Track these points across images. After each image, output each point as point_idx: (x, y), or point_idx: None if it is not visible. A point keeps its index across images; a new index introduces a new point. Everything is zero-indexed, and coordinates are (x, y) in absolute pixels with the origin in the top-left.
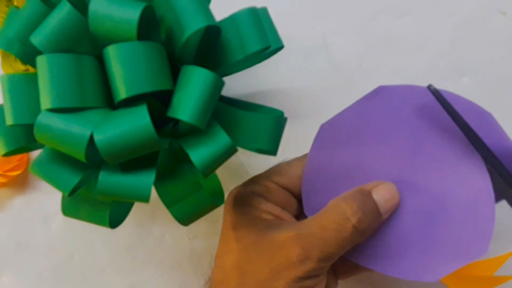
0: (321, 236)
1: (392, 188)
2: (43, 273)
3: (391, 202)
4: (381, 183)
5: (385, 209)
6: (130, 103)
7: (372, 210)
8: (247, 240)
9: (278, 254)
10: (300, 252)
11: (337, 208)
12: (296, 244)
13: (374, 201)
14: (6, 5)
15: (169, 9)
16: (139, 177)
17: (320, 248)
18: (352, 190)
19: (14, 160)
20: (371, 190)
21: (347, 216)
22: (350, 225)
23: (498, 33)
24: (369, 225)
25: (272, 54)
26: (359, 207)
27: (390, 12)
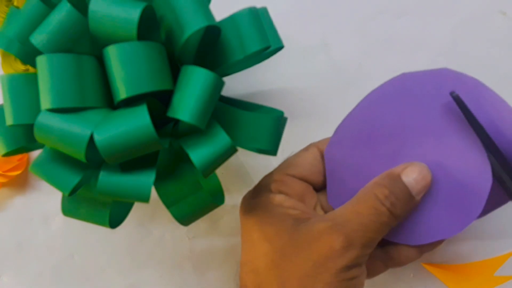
0: (360, 221)
1: (423, 168)
2: (43, 273)
3: (423, 182)
4: (410, 165)
5: (417, 190)
6: (130, 103)
7: (404, 193)
8: (280, 238)
9: (319, 245)
10: (343, 239)
11: (370, 195)
12: (336, 232)
13: (405, 184)
14: (6, 5)
15: (169, 9)
16: (139, 177)
17: (362, 233)
18: (381, 175)
19: (14, 160)
20: (400, 173)
21: (381, 201)
22: (386, 209)
23: (498, 33)
24: (403, 208)
25: (272, 54)
26: (391, 192)
27: (390, 12)
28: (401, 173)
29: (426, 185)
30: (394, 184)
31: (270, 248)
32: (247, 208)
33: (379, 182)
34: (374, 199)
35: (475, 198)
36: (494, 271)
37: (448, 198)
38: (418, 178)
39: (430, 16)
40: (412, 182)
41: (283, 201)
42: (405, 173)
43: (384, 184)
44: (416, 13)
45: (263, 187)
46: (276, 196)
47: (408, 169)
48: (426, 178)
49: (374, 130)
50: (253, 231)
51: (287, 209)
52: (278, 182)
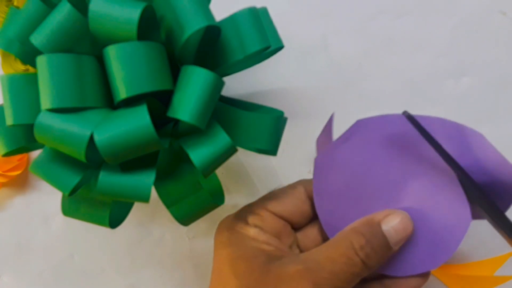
0: (331, 269)
1: (404, 217)
2: (43, 273)
3: (403, 233)
4: (392, 212)
5: (395, 241)
6: (130, 103)
7: (381, 243)
8: (249, 276)
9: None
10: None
11: (345, 241)
12: (305, 278)
13: (383, 234)
14: (6, 5)
15: (169, 9)
16: (139, 177)
17: (331, 282)
18: (361, 221)
19: (14, 160)
20: (381, 220)
21: (355, 251)
22: (359, 260)
23: (498, 33)
24: (378, 259)
25: (272, 54)
26: (368, 241)
27: (390, 12)
28: (381, 221)
29: (406, 236)
30: (372, 233)
31: (237, 285)
32: (222, 236)
33: (357, 229)
34: (349, 247)
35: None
36: (494, 271)
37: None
38: (398, 227)
39: (430, 16)
40: (391, 231)
41: (258, 235)
42: (385, 221)
43: (362, 232)
44: (416, 13)
45: (240, 217)
46: (252, 229)
47: (390, 217)
48: (407, 229)
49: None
50: (223, 264)
51: (261, 243)
52: (256, 216)
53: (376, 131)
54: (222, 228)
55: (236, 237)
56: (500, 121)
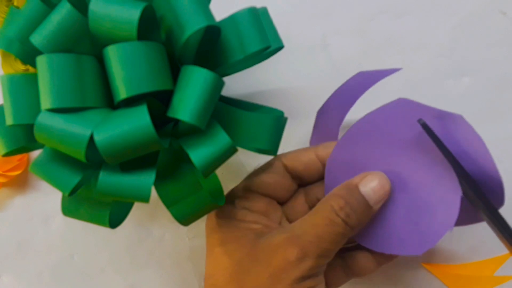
0: (315, 232)
1: (381, 177)
2: (43, 273)
3: (381, 192)
4: (369, 174)
5: (374, 200)
6: (130, 103)
7: (360, 203)
8: (240, 252)
9: (275, 257)
10: (298, 251)
11: (325, 205)
12: (291, 244)
13: (361, 194)
14: (6, 5)
15: (169, 9)
16: (139, 177)
17: (316, 244)
18: (340, 186)
19: (14, 160)
20: (358, 183)
21: (336, 212)
22: (340, 220)
23: (498, 33)
24: (359, 218)
25: (272, 54)
26: (346, 202)
27: (390, 12)
28: (358, 183)
29: (384, 194)
30: (351, 195)
31: (229, 262)
32: (212, 222)
33: (336, 193)
34: (330, 210)
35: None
36: (494, 271)
37: (414, 219)
38: (376, 187)
39: (430, 16)
40: (369, 191)
41: (245, 215)
42: (363, 182)
43: (340, 195)
44: (416, 13)
45: (228, 202)
46: (239, 211)
47: (366, 178)
48: (385, 187)
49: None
50: (215, 245)
51: (249, 223)
52: (242, 198)
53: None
54: (211, 215)
55: (225, 221)
56: (500, 121)
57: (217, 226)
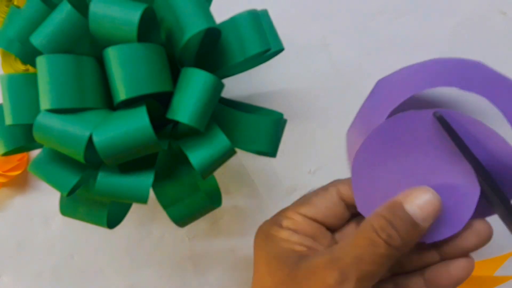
0: (354, 254)
1: (428, 192)
2: (43, 273)
3: (429, 208)
4: (414, 190)
5: (422, 217)
6: (129, 104)
7: (405, 222)
8: (281, 273)
9: (314, 280)
10: (337, 274)
11: (366, 225)
12: (331, 267)
13: (406, 212)
14: (6, 5)
15: (169, 11)
16: (137, 178)
17: (356, 267)
18: (383, 205)
19: (14, 160)
20: (402, 201)
21: (377, 232)
22: (382, 241)
23: (498, 33)
24: (403, 238)
25: (272, 56)
26: (388, 222)
27: (390, 12)
28: (403, 201)
29: (434, 210)
30: (393, 214)
31: (271, 282)
32: (259, 238)
33: (378, 212)
34: (370, 230)
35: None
36: (494, 271)
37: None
38: (422, 204)
39: (430, 16)
40: (415, 209)
41: (290, 236)
42: (408, 200)
43: (382, 214)
44: (416, 13)
45: (275, 221)
46: (285, 231)
47: (412, 195)
48: (434, 203)
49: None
50: (260, 263)
51: (293, 244)
52: (289, 220)
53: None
54: (259, 232)
55: (271, 240)
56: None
57: (263, 243)
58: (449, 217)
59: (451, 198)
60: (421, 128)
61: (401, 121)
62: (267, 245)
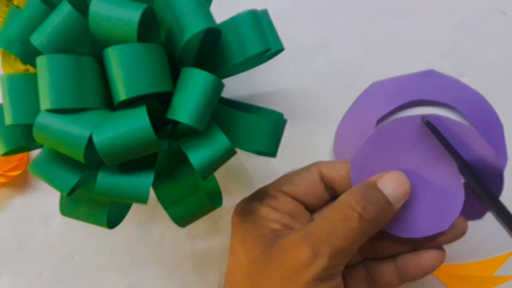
0: (328, 229)
1: (399, 175)
2: (43, 273)
3: (401, 189)
4: (387, 173)
5: (394, 197)
6: (129, 104)
7: (379, 199)
8: (256, 250)
9: (287, 257)
10: (309, 250)
11: (342, 201)
12: (303, 243)
13: (380, 191)
14: (6, 5)
15: (169, 11)
16: (137, 178)
17: (329, 242)
18: (358, 184)
19: (14, 160)
20: (376, 181)
21: (351, 206)
22: (356, 214)
23: (498, 33)
24: (378, 214)
25: (272, 56)
26: (363, 196)
27: (390, 12)
28: (377, 181)
29: (404, 192)
30: (369, 190)
31: (245, 261)
32: (237, 217)
33: (354, 189)
34: (345, 205)
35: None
36: (494, 271)
37: (430, 203)
38: (394, 185)
39: (430, 16)
40: (389, 189)
41: (269, 213)
42: (381, 180)
43: (358, 190)
44: (416, 13)
45: (256, 198)
46: (264, 207)
47: (385, 176)
48: (404, 185)
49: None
50: (236, 242)
51: (270, 222)
52: (270, 197)
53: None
54: (237, 209)
55: (249, 217)
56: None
57: (240, 221)
58: (436, 216)
59: (439, 198)
60: (410, 133)
61: (392, 127)
62: (244, 222)
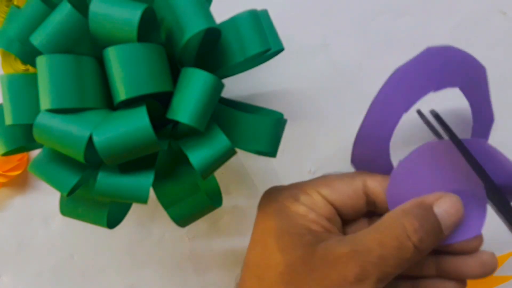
0: (380, 254)
1: (456, 201)
2: (43, 273)
3: (455, 216)
4: (444, 195)
5: (448, 225)
6: (129, 104)
7: (434, 227)
8: (294, 252)
9: (332, 271)
10: (358, 271)
11: (397, 224)
12: (353, 261)
13: (436, 217)
14: (6, 5)
15: (169, 11)
16: (137, 178)
17: (379, 268)
18: (412, 203)
19: (14, 160)
20: (433, 203)
21: (408, 234)
22: (411, 244)
23: (498, 33)
24: (430, 244)
25: (272, 57)
26: (421, 225)
27: (390, 12)
28: (433, 203)
29: (457, 220)
30: (425, 216)
31: (282, 260)
32: (268, 206)
33: (408, 211)
34: (401, 230)
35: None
36: None
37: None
38: (450, 210)
39: (430, 16)
40: (444, 214)
41: (307, 212)
42: (437, 203)
43: (415, 215)
44: (416, 13)
45: (290, 192)
46: (301, 206)
47: (442, 199)
48: (459, 212)
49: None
50: (268, 234)
51: (309, 222)
52: (307, 196)
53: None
54: (269, 199)
55: (284, 211)
56: (500, 121)
57: (274, 212)
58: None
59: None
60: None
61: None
62: (279, 216)
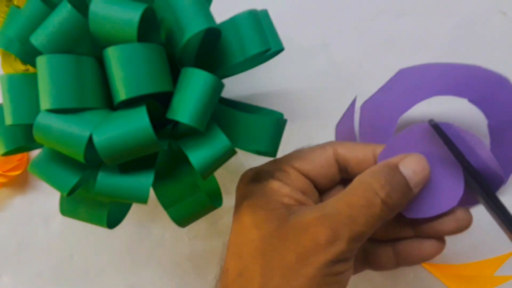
0: (349, 214)
1: (421, 159)
2: (43, 273)
3: (422, 174)
4: (409, 155)
5: (415, 182)
6: (129, 104)
7: (401, 184)
8: (268, 225)
9: (304, 237)
10: (329, 233)
11: (364, 184)
12: (323, 225)
13: (402, 175)
14: (6, 5)
15: (169, 11)
16: (137, 178)
17: (349, 227)
18: (379, 164)
19: (14, 160)
20: (398, 163)
21: (375, 191)
22: (379, 200)
23: (498, 33)
24: (399, 199)
25: (272, 56)
26: (387, 181)
27: (390, 12)
28: (399, 163)
29: (425, 177)
30: (392, 174)
31: (257, 235)
32: (245, 187)
33: (376, 171)
34: (368, 188)
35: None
36: (494, 271)
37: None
38: (416, 169)
39: (430, 16)
40: (410, 173)
41: (280, 188)
42: (403, 163)
43: (381, 173)
44: (416, 13)
45: (265, 170)
46: (275, 181)
47: (407, 159)
48: (425, 170)
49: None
50: (244, 214)
51: (282, 196)
52: (281, 172)
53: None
54: (245, 179)
55: (258, 188)
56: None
57: (249, 192)
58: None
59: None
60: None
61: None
62: (254, 195)
